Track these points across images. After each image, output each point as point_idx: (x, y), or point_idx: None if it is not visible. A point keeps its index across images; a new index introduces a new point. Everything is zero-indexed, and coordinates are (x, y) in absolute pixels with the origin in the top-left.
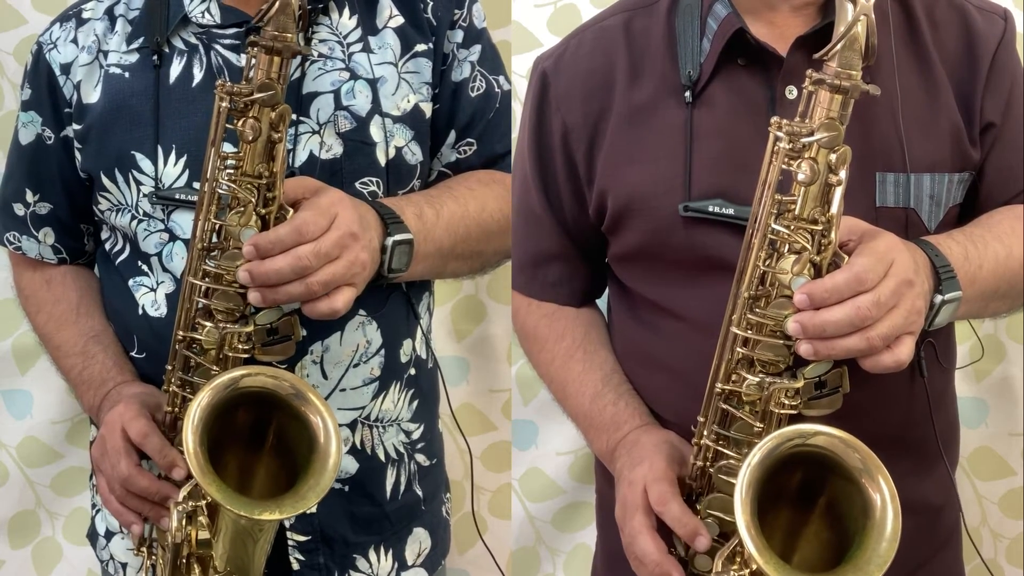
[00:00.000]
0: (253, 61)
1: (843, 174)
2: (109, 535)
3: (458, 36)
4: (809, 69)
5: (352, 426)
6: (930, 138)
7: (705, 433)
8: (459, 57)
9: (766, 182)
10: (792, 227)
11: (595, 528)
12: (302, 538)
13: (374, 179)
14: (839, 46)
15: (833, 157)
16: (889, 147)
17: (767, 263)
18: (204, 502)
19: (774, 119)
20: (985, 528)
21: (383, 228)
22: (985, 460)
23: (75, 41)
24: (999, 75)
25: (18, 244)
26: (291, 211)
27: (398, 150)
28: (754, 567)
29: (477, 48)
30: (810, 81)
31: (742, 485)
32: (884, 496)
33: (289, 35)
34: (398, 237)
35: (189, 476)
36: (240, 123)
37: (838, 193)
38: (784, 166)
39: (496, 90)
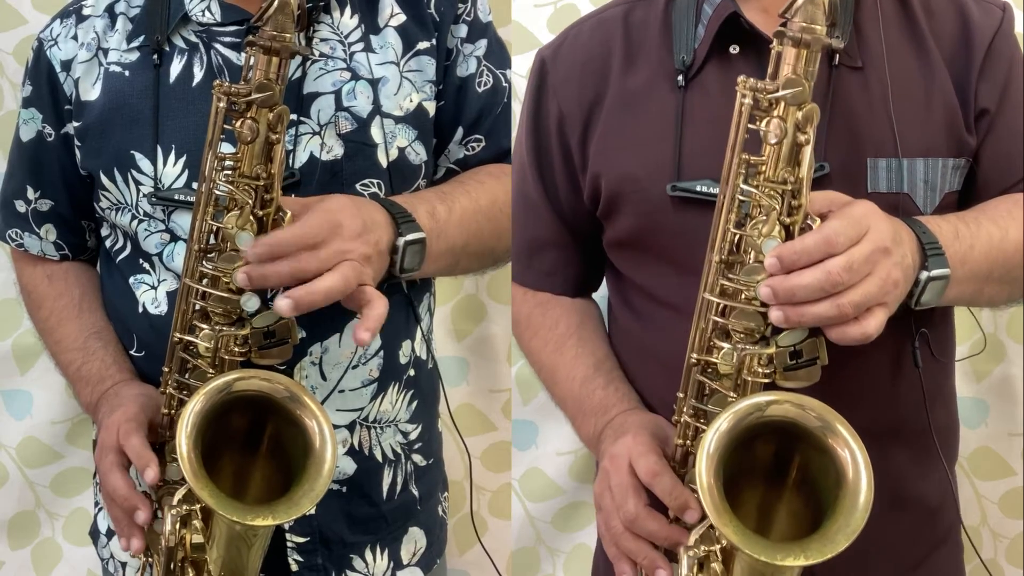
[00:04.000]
0: (251, 61)
1: (811, 132)
2: (110, 534)
3: (462, 31)
4: (776, 28)
5: (351, 427)
6: (925, 123)
7: (684, 409)
8: (464, 52)
9: (735, 144)
10: (761, 187)
11: (595, 528)
12: (301, 539)
13: (375, 181)
14: (801, 0)
15: (800, 115)
16: (881, 132)
17: (741, 228)
18: (198, 506)
19: (740, 78)
20: (985, 528)
21: (394, 227)
22: (985, 460)
23: (75, 38)
24: (995, 62)
25: (20, 241)
26: (288, 213)
27: (401, 151)
28: (724, 543)
29: (483, 43)
30: (777, 42)
31: (700, 474)
32: (856, 458)
33: (287, 35)
34: (410, 237)
35: (162, 482)
36: (238, 124)
37: (807, 153)
38: (752, 126)
39: (503, 84)
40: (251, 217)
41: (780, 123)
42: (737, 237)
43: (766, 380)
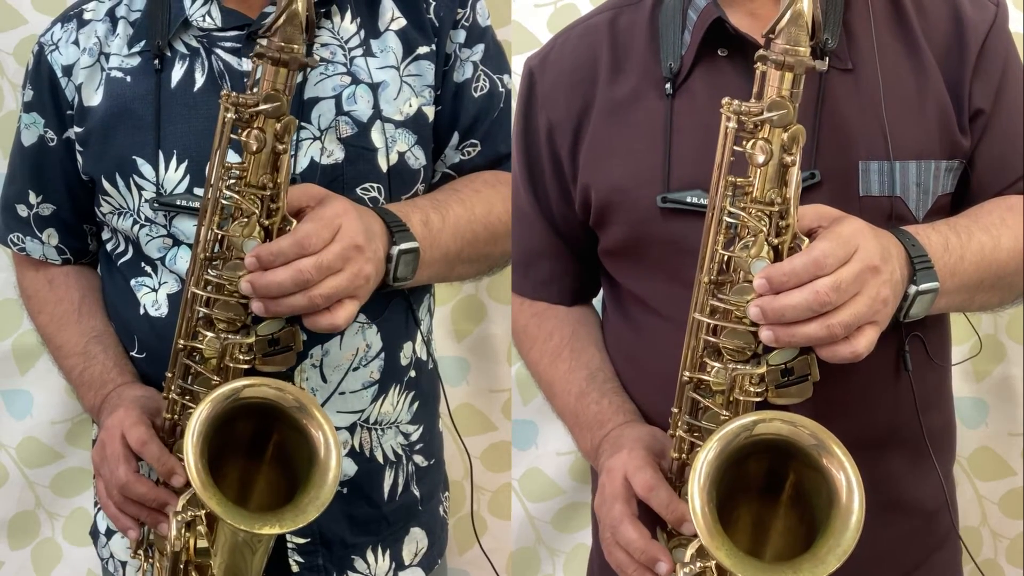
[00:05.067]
0: (259, 72)
1: (797, 153)
2: (110, 533)
3: (460, 36)
4: (759, 49)
5: (351, 429)
6: (917, 124)
7: (679, 424)
8: (461, 57)
9: (721, 166)
10: (748, 209)
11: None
12: (301, 541)
13: (375, 185)
14: (783, 22)
15: (786, 136)
16: (872, 135)
17: (730, 248)
18: (203, 511)
19: (725, 100)
20: (985, 528)
21: (389, 237)
22: (985, 460)
23: (76, 43)
24: (989, 60)
25: (22, 245)
26: (294, 222)
27: (400, 155)
28: (714, 562)
29: (480, 47)
30: (761, 61)
31: (692, 500)
32: (849, 478)
33: (296, 46)
34: (404, 246)
35: (188, 483)
36: (245, 134)
37: (794, 173)
38: (738, 148)
39: (500, 89)
40: (257, 226)
41: (766, 145)
42: (726, 258)
43: (758, 399)
